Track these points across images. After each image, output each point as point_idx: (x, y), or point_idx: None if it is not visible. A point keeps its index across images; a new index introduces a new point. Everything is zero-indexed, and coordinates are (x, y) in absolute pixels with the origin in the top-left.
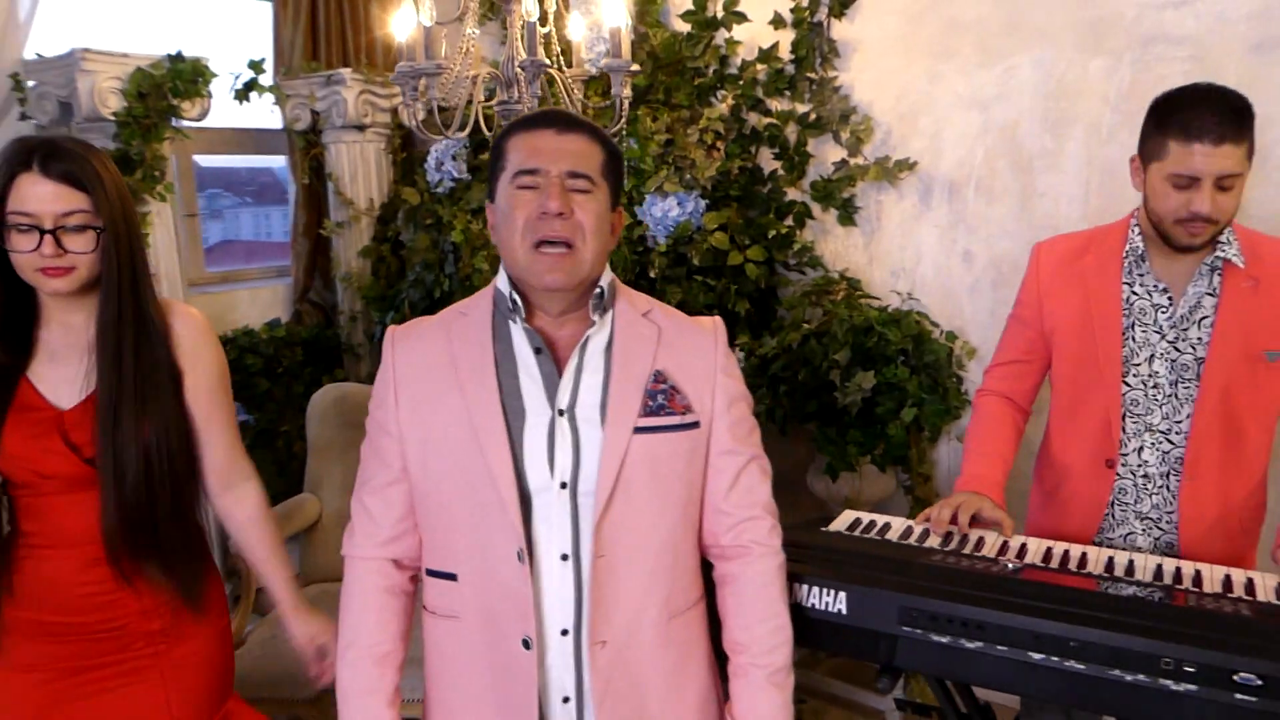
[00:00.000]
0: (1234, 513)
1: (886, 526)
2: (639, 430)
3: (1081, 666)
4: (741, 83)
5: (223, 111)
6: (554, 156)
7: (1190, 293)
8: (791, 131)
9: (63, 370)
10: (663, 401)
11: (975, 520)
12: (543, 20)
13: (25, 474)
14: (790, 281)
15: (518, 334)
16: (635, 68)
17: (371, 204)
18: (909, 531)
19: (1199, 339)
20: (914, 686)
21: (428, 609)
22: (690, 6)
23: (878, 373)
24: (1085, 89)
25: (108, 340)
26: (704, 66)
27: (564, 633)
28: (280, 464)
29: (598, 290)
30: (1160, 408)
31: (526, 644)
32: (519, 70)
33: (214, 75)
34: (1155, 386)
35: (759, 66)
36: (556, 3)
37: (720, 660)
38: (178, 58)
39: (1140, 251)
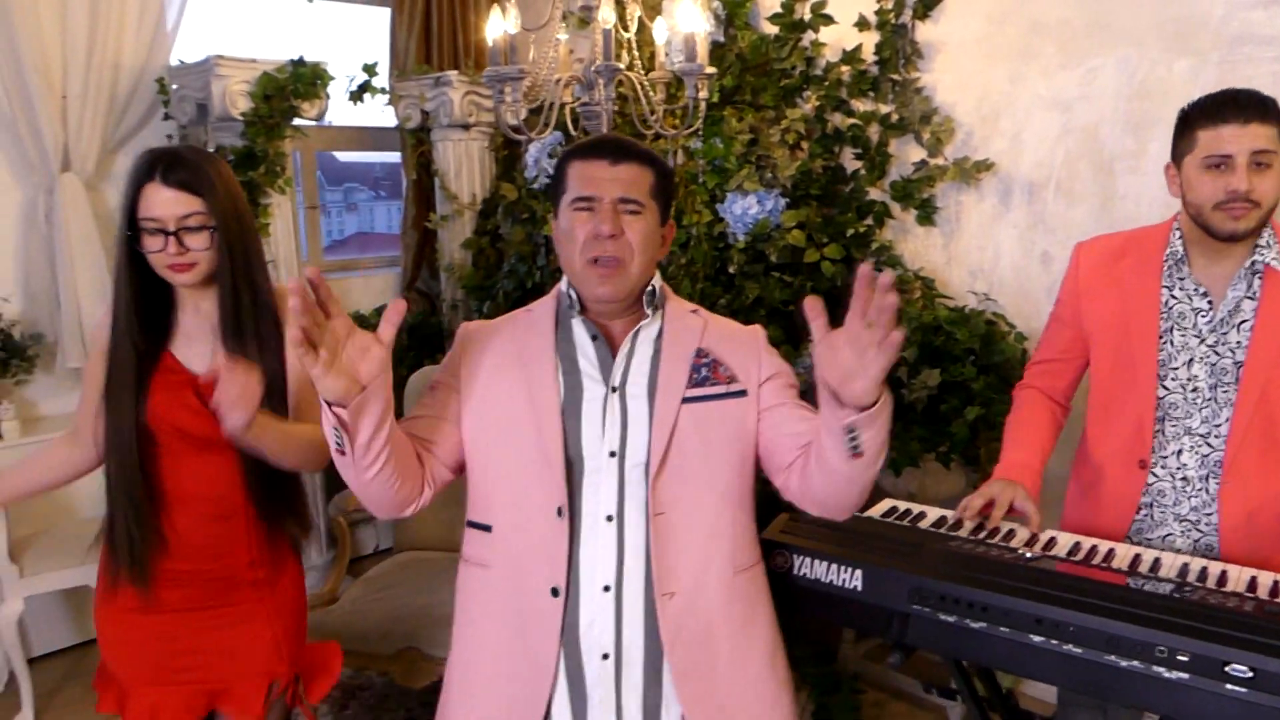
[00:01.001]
0: (1277, 515)
1: (921, 515)
2: (686, 400)
3: (1079, 650)
4: (826, 84)
5: (345, 111)
6: (607, 185)
7: (1230, 296)
8: (874, 132)
9: (195, 347)
10: (706, 374)
11: (1008, 510)
12: (626, 26)
13: (166, 430)
14: None
15: (577, 325)
16: (710, 71)
17: (474, 199)
18: (941, 521)
19: (1238, 343)
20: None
21: (463, 559)
22: (778, 9)
23: (944, 371)
24: (1170, 90)
25: (229, 323)
26: (790, 68)
27: (606, 589)
28: None
29: (650, 289)
30: (1199, 411)
31: (555, 592)
32: (596, 74)
33: (331, 78)
34: (1194, 390)
35: (843, 68)
36: (641, 10)
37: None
38: (299, 63)
39: (1180, 255)
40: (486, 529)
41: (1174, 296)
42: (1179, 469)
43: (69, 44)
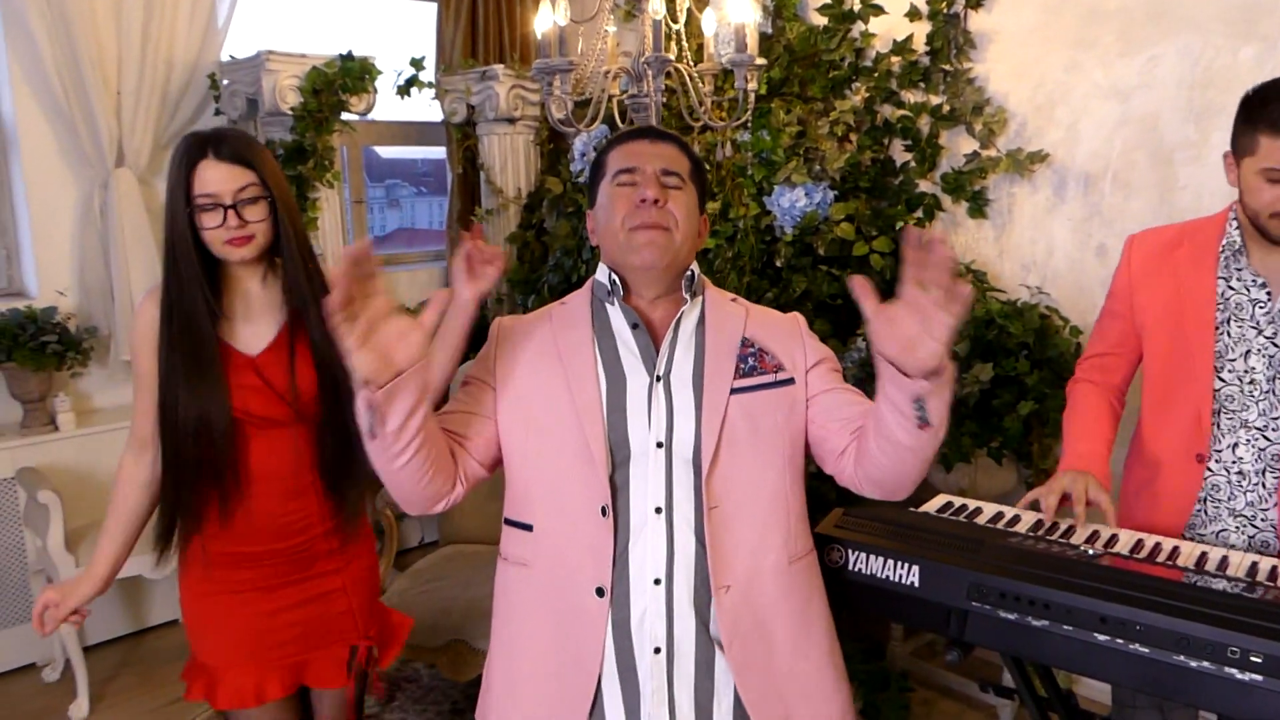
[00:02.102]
0: None
1: (977, 510)
2: (735, 391)
3: (1146, 650)
4: (876, 75)
5: (391, 106)
6: (649, 158)
7: None
8: (924, 123)
9: (247, 328)
10: (753, 364)
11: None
12: (675, 17)
13: (236, 413)
14: None
15: (615, 314)
16: (760, 62)
17: (519, 193)
18: (998, 516)
19: None
20: None
21: (501, 556)
22: (827, 1)
23: (996, 365)
24: (1234, 78)
25: (298, 295)
26: (839, 59)
27: (656, 582)
28: None
29: (688, 274)
30: (1257, 404)
31: (600, 592)
32: (645, 66)
33: (379, 73)
34: (1252, 383)
35: (893, 59)
36: (690, 1)
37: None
38: (348, 57)
39: (1238, 245)
40: (527, 528)
41: (1231, 287)
42: (1234, 463)
43: (124, 41)
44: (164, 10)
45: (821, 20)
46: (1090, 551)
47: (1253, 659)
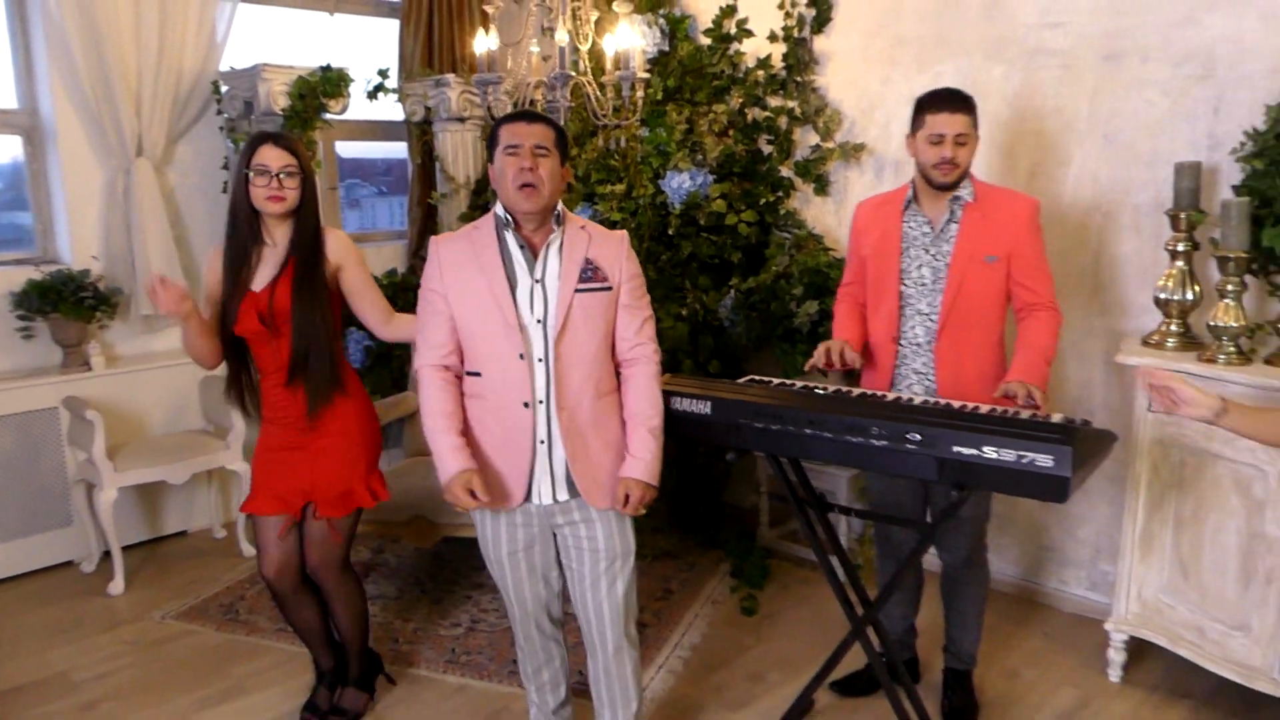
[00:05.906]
0: (975, 371)
1: (771, 381)
2: (577, 291)
3: (829, 435)
4: (746, 84)
5: (362, 107)
6: (526, 136)
7: (941, 222)
8: (783, 122)
9: (262, 270)
10: (590, 275)
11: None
12: (583, 39)
13: (246, 333)
14: (781, 239)
15: (510, 238)
16: (643, 76)
17: (468, 179)
18: (782, 382)
19: (948, 252)
20: (859, 553)
21: (465, 394)
22: (711, 25)
23: (821, 302)
24: (990, 90)
25: (303, 248)
26: (720, 72)
27: (540, 402)
28: (394, 378)
29: (555, 214)
30: (925, 299)
31: (526, 405)
32: (555, 80)
33: (352, 80)
34: (922, 285)
35: (759, 72)
36: (593, 29)
37: None
38: (327, 69)
39: (911, 198)
40: (478, 374)
41: (909, 226)
42: (914, 338)
43: (142, 54)
44: (174, 28)
45: (707, 41)
46: (819, 390)
47: (883, 432)
